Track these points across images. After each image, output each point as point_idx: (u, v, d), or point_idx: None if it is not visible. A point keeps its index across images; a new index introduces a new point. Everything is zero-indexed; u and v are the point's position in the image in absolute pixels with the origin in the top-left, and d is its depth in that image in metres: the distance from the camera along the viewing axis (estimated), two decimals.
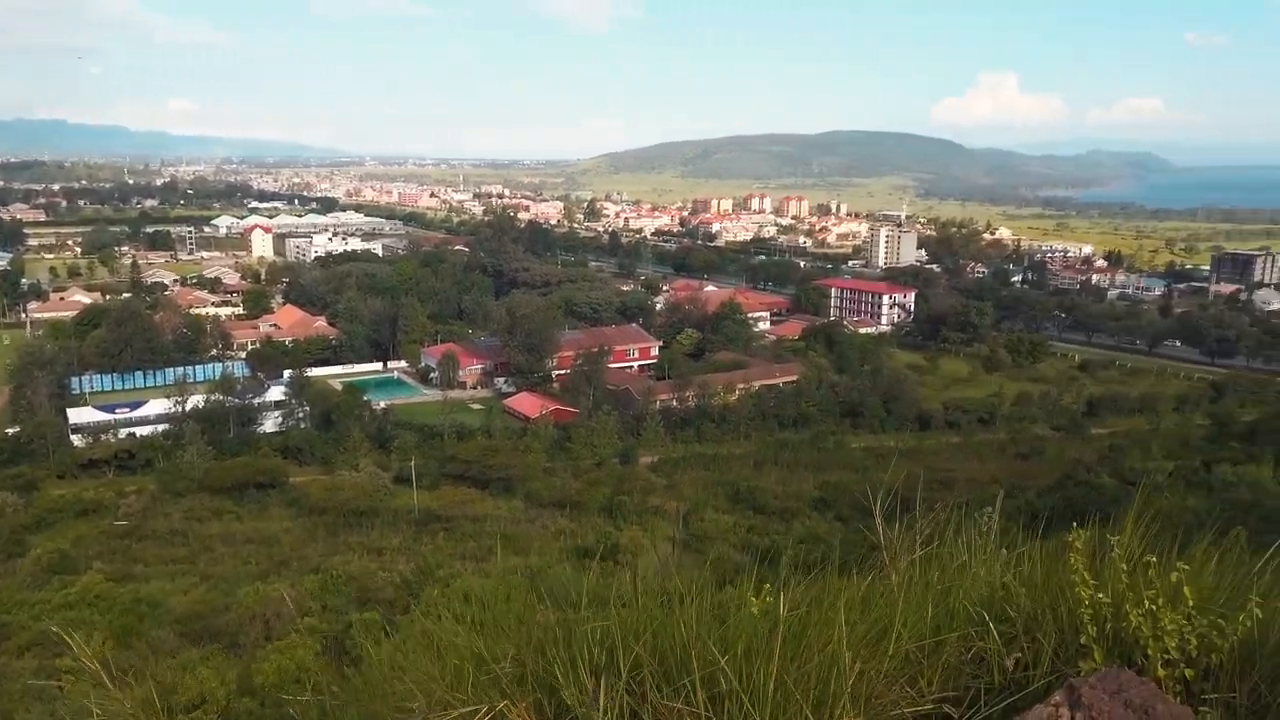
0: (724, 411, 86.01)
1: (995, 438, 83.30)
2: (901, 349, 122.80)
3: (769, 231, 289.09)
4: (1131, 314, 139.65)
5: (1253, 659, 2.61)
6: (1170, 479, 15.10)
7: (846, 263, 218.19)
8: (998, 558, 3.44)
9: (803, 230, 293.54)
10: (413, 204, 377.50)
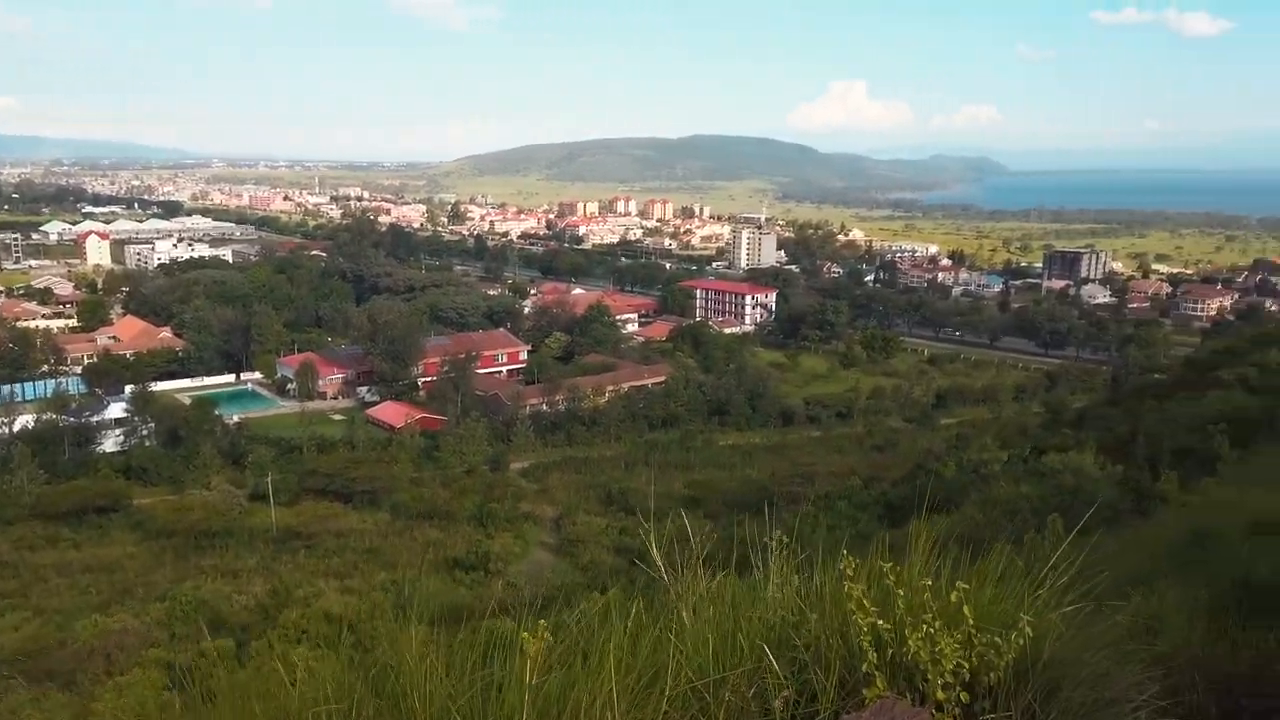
0: (594, 414, 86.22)
1: (853, 431, 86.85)
2: (764, 347, 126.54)
3: (635, 234, 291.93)
4: (974, 310, 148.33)
5: (1026, 677, 2.65)
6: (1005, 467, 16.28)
7: (710, 264, 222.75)
8: (791, 583, 3.27)
9: (668, 232, 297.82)
10: (265, 208, 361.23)
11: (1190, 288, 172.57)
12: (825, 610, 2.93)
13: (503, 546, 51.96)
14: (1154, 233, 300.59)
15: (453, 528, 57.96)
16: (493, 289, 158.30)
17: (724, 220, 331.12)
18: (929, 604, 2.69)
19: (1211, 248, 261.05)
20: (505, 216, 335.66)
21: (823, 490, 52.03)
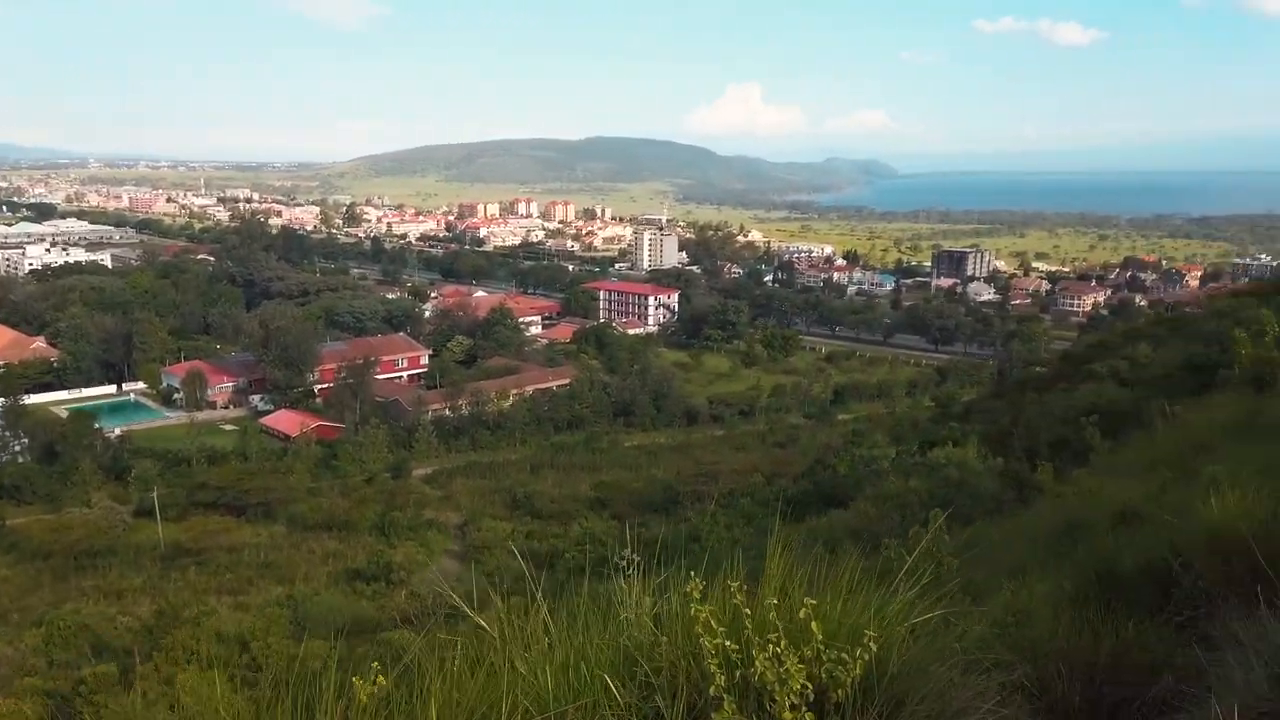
0: (499, 418, 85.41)
1: (755, 428, 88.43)
2: (668, 348, 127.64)
3: (537, 235, 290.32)
4: (868, 308, 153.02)
5: (872, 693, 2.63)
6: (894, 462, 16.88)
7: (613, 265, 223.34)
8: (642, 605, 3.06)
9: (570, 234, 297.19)
10: (147, 210, 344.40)
11: (1067, 285, 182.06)
12: (676, 632, 2.79)
13: (406, 556, 50.92)
14: (1033, 232, 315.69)
15: (353, 538, 56.53)
16: (391, 292, 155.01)
17: (626, 222, 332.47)
18: (774, 623, 2.62)
19: (1086, 246, 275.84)
20: (403, 218, 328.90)
21: (726, 488, 52.80)
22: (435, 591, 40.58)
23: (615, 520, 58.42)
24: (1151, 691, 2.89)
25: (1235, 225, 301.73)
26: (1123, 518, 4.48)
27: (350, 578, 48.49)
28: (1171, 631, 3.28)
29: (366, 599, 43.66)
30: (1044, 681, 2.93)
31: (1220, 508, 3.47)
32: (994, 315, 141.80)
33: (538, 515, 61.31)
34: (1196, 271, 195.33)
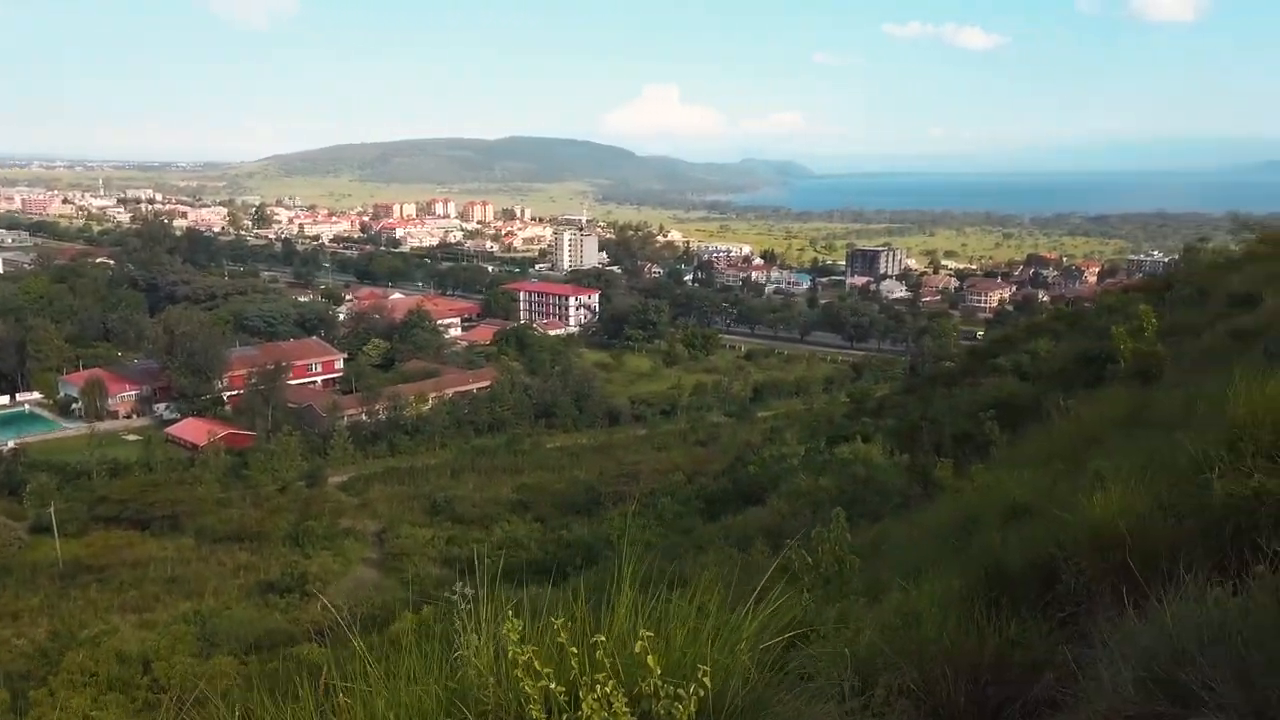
0: (417, 422, 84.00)
1: (677, 427, 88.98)
2: (589, 348, 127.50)
3: (455, 236, 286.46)
4: (786, 307, 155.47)
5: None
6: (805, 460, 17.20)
7: (533, 266, 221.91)
8: (471, 643, 2.83)
9: (489, 235, 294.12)
10: (41, 211, 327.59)
11: (974, 282, 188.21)
12: (503, 673, 2.60)
13: (321, 566, 49.67)
14: (942, 231, 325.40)
15: (266, 549, 54.81)
16: (304, 295, 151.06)
17: (545, 222, 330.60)
18: (603, 661, 2.46)
19: (992, 244, 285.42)
20: (316, 219, 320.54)
21: (648, 488, 52.96)
22: (350, 602, 39.72)
23: (538, 522, 58.16)
24: (1033, 690, 2.96)
25: (1129, 224, 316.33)
26: (1014, 513, 4.62)
27: (263, 590, 47.03)
28: (1054, 628, 3.37)
29: (279, 612, 42.38)
30: (929, 684, 2.96)
31: (1102, 504, 3.58)
32: (906, 312, 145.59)
33: (459, 520, 60.46)
34: (1095, 268, 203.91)
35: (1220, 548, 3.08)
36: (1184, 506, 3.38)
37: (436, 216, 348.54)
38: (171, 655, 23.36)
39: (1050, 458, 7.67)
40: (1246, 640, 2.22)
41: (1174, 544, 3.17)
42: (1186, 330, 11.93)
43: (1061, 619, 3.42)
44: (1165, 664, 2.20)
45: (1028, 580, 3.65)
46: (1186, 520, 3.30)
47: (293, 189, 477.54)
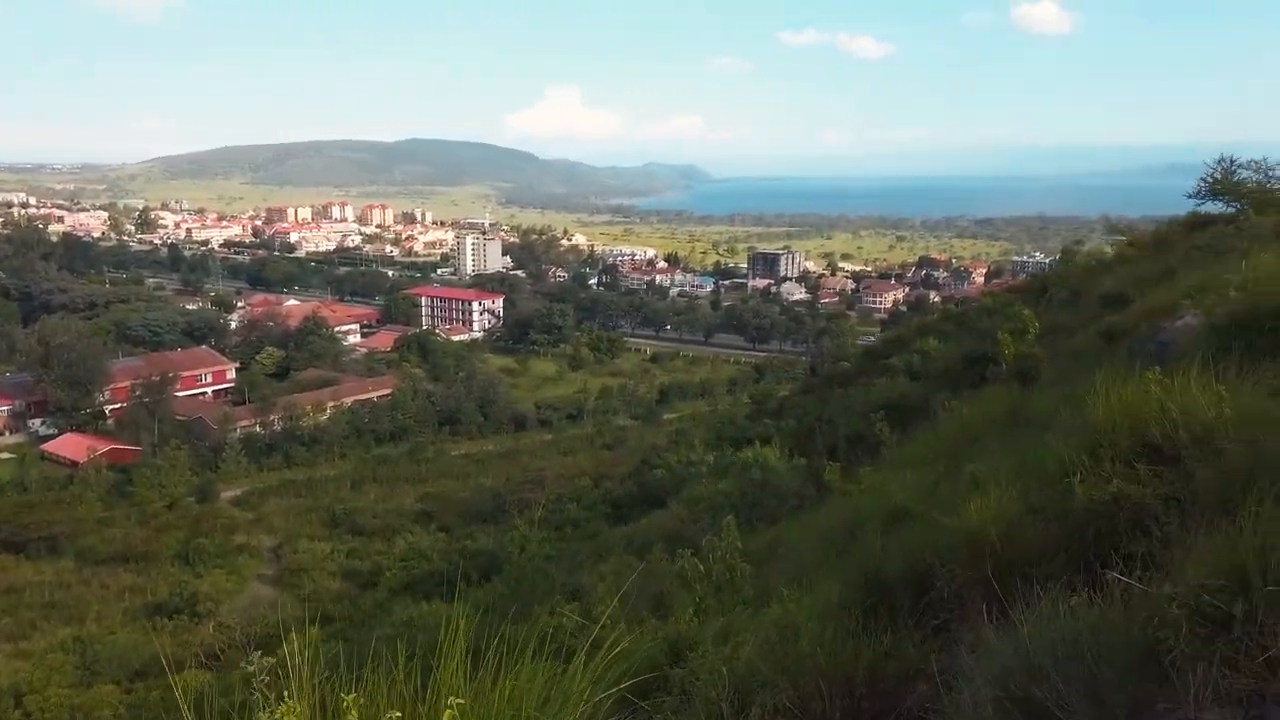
0: (315, 432, 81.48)
1: (584, 432, 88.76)
2: (494, 353, 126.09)
3: (353, 240, 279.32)
4: (690, 309, 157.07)
5: None
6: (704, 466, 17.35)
7: (436, 271, 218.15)
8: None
9: (389, 239, 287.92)
10: None
11: (870, 283, 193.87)
12: None
13: (213, 585, 47.68)
14: (839, 234, 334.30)
15: (154, 569, 52.34)
16: (193, 303, 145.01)
17: (447, 226, 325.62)
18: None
19: (885, 247, 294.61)
20: (205, 223, 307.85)
21: (555, 493, 52.61)
22: (245, 622, 38.24)
23: (443, 532, 57.14)
24: (906, 702, 2.97)
25: (1013, 226, 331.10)
26: (895, 517, 4.69)
27: (150, 613, 44.89)
28: (928, 635, 3.40)
29: (168, 635, 40.47)
30: (805, 701, 2.95)
31: (976, 509, 3.65)
32: (805, 313, 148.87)
33: (359, 532, 58.94)
34: (981, 269, 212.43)
35: (1083, 552, 3.17)
36: (1050, 511, 3.47)
37: (333, 220, 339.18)
38: (47, 686, 21.97)
39: (935, 457, 7.87)
40: (1098, 656, 2.25)
41: (1041, 549, 3.25)
42: (1062, 331, 12.48)
43: (936, 626, 3.47)
44: (1021, 681, 2.23)
45: (904, 587, 3.70)
46: (1052, 525, 3.39)
47: (179, 192, 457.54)
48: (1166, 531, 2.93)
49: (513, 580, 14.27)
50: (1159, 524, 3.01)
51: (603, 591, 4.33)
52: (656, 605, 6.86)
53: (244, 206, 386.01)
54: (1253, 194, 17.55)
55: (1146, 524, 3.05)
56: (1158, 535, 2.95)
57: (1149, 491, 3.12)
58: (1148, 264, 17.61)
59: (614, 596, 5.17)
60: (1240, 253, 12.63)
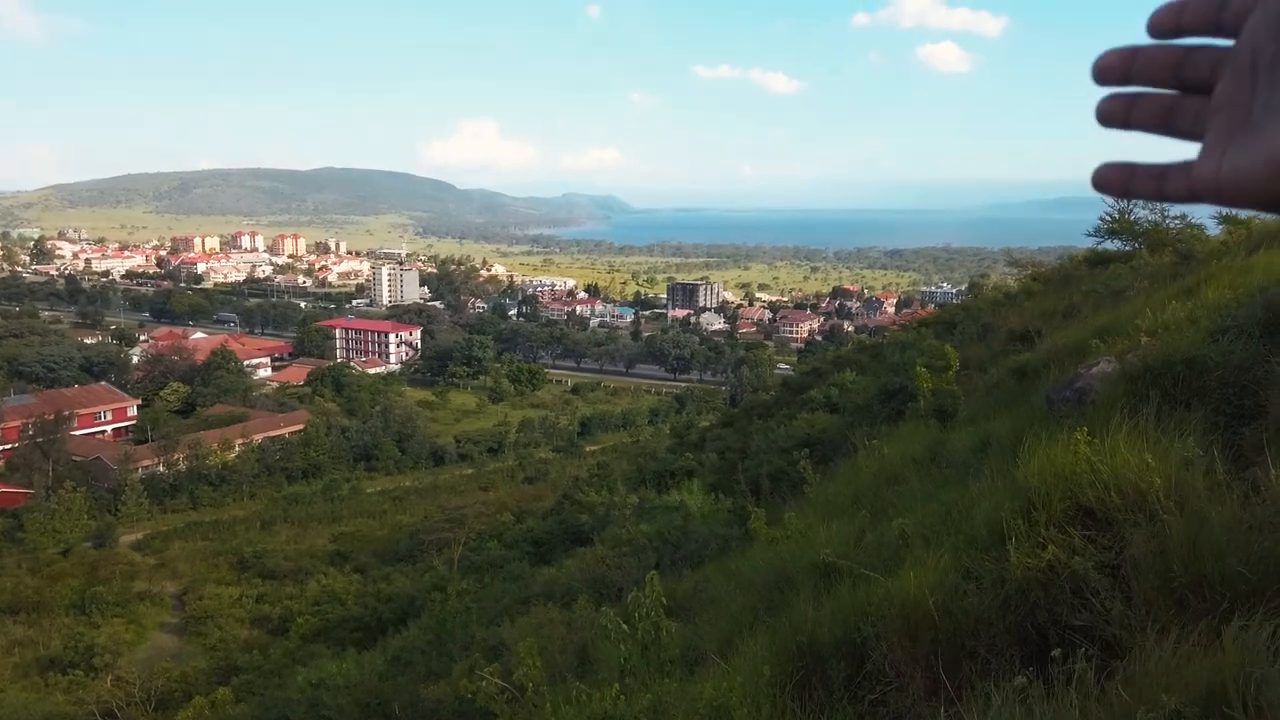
0: (223, 471, 78.40)
1: (505, 465, 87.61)
2: (412, 386, 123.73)
3: (264, 271, 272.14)
4: (610, 340, 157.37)
5: None
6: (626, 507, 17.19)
7: (351, 302, 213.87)
8: None
9: (301, 269, 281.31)
10: None
11: (786, 313, 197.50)
12: None
13: (111, 636, 45.08)
14: (755, 265, 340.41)
15: (46, 620, 49.21)
16: (92, 337, 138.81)
17: (363, 256, 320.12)
18: None
19: (801, 277, 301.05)
20: (105, 254, 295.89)
21: (475, 530, 51.56)
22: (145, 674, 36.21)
23: (358, 573, 55.30)
24: None
25: (921, 258, 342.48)
26: (824, 573, 4.59)
27: (42, 668, 42.13)
28: (865, 711, 3.28)
29: (61, 691, 38.02)
30: None
31: (911, 579, 3.55)
32: (724, 343, 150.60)
33: (270, 575, 56.65)
34: (892, 299, 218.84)
35: (1022, 622, 3.10)
36: (986, 578, 3.40)
37: (243, 250, 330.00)
38: None
39: (858, 499, 7.85)
40: None
41: (978, 618, 3.17)
42: (974, 366, 12.75)
43: (873, 701, 3.35)
44: None
45: (839, 658, 3.57)
46: (989, 593, 3.32)
47: (78, 221, 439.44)
48: (1108, 606, 2.88)
49: (430, 629, 13.80)
50: (1099, 597, 2.96)
51: (523, 651, 4.10)
52: (580, 661, 6.61)
53: (147, 236, 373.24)
54: (1147, 233, 18.35)
55: (1086, 596, 3.00)
56: (1099, 609, 2.89)
57: (1087, 561, 3.07)
58: (1052, 299, 18.22)
59: (535, 657, 5.01)
60: (1138, 291, 13.15)
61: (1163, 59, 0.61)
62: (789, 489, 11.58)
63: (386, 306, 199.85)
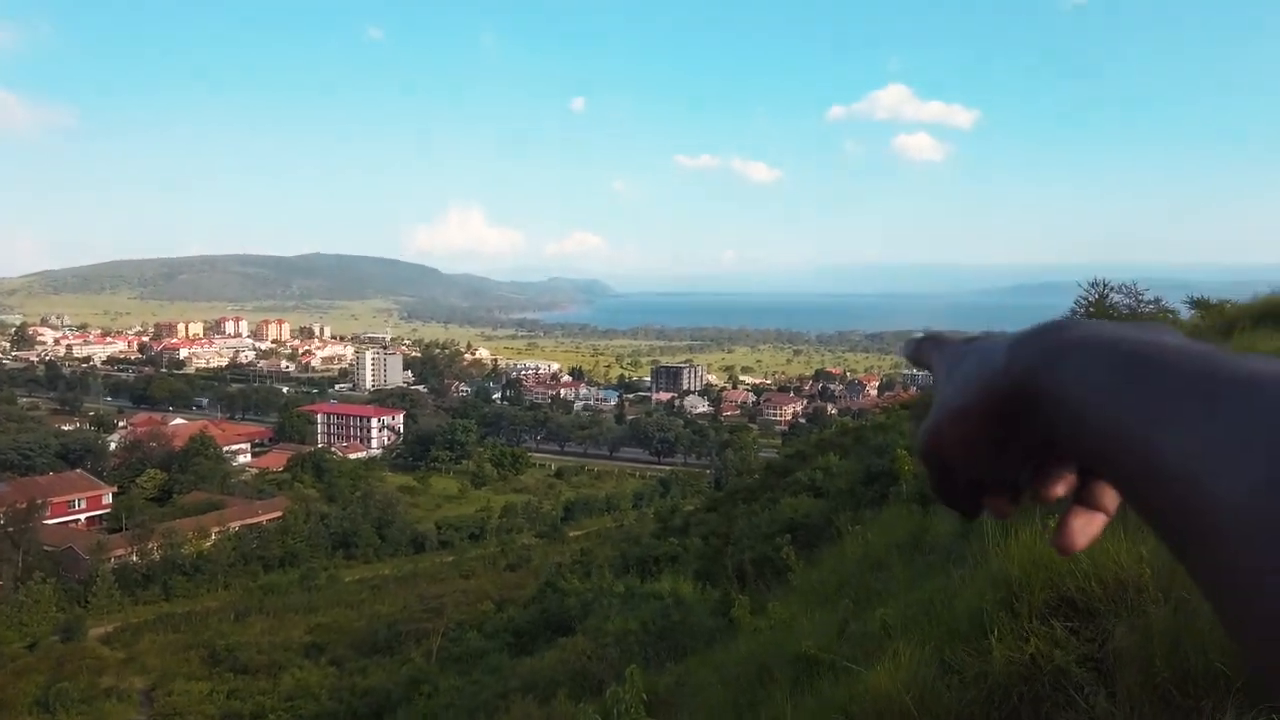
0: (197, 560, 76.70)
1: (487, 551, 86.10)
2: (393, 471, 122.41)
3: (247, 356, 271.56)
4: (594, 423, 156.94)
5: None
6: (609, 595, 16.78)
7: (333, 386, 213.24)
8: None
9: (285, 354, 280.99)
10: None
11: (770, 396, 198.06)
12: None
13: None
14: (739, 348, 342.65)
15: (11, 718, 47.37)
16: (70, 423, 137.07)
17: (347, 340, 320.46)
18: None
19: (784, 360, 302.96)
20: (87, 340, 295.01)
21: (455, 619, 50.32)
22: None
23: (334, 666, 53.63)
24: None
25: (902, 340, 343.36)
26: (805, 665, 4.47)
27: None
28: None
29: None
30: None
31: (889, 671, 3.45)
32: (708, 426, 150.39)
33: (243, 669, 54.81)
34: (874, 381, 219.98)
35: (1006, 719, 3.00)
36: (967, 672, 3.31)
37: (227, 336, 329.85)
38: None
39: (842, 586, 7.72)
40: None
41: (959, 716, 3.06)
42: None
43: None
44: None
45: None
46: (970, 688, 3.22)
47: (63, 307, 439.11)
48: (1092, 702, 2.79)
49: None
50: (1082, 692, 2.87)
51: None
52: None
53: (131, 322, 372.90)
54: (1123, 319, 18.67)
55: (1070, 691, 2.91)
56: (1083, 705, 2.80)
57: (1069, 655, 2.99)
58: None
59: None
60: None
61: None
62: (774, 575, 11.39)
63: (369, 391, 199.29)
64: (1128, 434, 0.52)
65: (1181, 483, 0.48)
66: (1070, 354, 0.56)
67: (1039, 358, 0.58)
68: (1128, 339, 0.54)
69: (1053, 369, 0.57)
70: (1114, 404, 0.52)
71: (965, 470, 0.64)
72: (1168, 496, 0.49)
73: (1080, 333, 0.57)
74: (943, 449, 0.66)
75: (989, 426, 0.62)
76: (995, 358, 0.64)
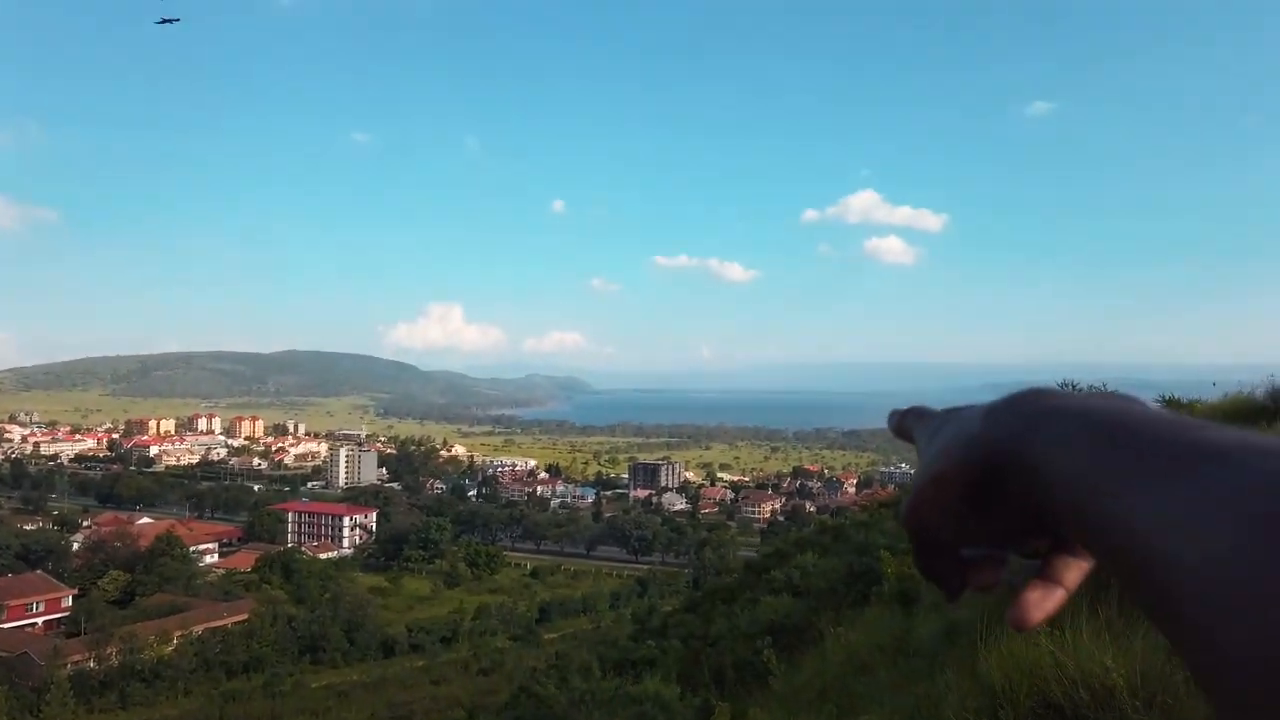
0: (158, 666, 73.74)
1: (458, 655, 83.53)
2: (364, 571, 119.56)
3: (219, 453, 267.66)
4: (571, 520, 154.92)
5: None
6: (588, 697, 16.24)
7: (306, 484, 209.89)
8: None
9: (258, 451, 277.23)
10: None
11: (748, 493, 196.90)
12: None
13: None
14: (716, 445, 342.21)
15: None
16: (32, 523, 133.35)
17: (322, 438, 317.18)
18: None
19: (761, 457, 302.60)
20: (56, 437, 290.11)
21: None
22: None
23: None
24: None
25: (878, 438, 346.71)
26: None
27: None
28: None
29: None
30: None
31: None
32: (687, 524, 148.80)
33: None
34: (852, 479, 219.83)
35: None
36: None
37: (199, 433, 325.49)
38: None
39: (825, 690, 7.55)
40: None
41: None
42: None
43: None
44: None
45: None
46: None
47: (33, 404, 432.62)
48: None
49: None
50: None
51: None
52: None
53: (102, 419, 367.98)
54: None
55: None
56: None
57: None
58: None
59: None
60: None
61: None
62: (754, 679, 11.12)
63: (343, 488, 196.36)
64: (1097, 498, 0.55)
65: (1148, 548, 0.52)
66: (1044, 421, 0.59)
67: (1014, 424, 0.61)
68: (1099, 408, 0.58)
69: (1026, 435, 0.60)
70: (1085, 469, 0.55)
71: (947, 538, 0.65)
72: (1135, 560, 0.53)
73: (1054, 401, 0.61)
74: (924, 516, 0.67)
75: (967, 491, 0.65)
76: (972, 425, 0.66)
